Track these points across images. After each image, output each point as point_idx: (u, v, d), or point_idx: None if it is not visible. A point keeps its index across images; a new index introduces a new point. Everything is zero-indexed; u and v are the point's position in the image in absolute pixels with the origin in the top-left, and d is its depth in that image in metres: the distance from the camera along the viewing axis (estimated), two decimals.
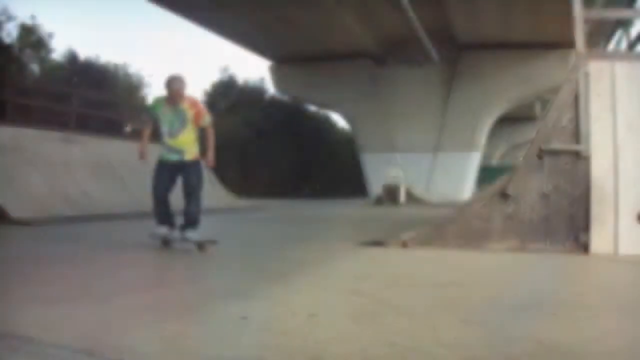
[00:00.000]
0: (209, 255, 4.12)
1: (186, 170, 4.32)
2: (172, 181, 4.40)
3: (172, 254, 4.33)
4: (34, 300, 2.34)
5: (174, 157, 4.33)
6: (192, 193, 4.29)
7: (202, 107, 4.48)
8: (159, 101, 4.43)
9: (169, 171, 4.34)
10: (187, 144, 4.31)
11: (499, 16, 17.13)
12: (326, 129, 31.13)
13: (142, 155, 4.55)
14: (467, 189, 21.66)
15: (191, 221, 4.27)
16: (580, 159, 4.37)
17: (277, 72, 24.60)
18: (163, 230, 4.35)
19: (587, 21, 4.91)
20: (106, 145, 9.94)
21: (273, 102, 28.46)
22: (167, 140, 4.31)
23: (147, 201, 9.31)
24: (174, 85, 4.22)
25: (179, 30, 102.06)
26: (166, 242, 4.42)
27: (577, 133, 4.41)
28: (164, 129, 4.31)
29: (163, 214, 4.36)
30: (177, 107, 4.26)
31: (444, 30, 18.90)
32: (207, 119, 4.38)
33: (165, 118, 4.29)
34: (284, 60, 23.87)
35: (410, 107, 21.95)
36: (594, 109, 4.41)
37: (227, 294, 2.63)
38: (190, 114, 4.28)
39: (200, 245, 4.22)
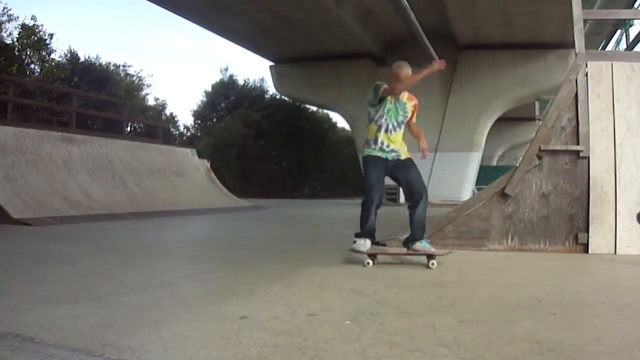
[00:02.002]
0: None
1: (405, 167, 3.74)
2: (384, 184, 3.80)
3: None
4: (34, 299, 2.35)
5: (390, 155, 3.74)
6: (420, 193, 3.69)
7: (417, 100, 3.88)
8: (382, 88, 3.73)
9: (384, 170, 3.73)
10: (400, 142, 3.78)
11: (499, 16, 17.13)
12: (326, 129, 31.15)
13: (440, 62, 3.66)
14: (467, 189, 21.68)
15: (421, 229, 3.71)
16: (579, 159, 4.38)
17: (277, 72, 24.61)
18: (368, 244, 3.66)
19: (586, 21, 4.91)
20: (106, 145, 9.94)
21: (273, 102, 28.45)
22: (383, 135, 3.73)
23: (146, 201, 9.37)
24: (408, 72, 3.62)
25: (179, 30, 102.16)
26: (373, 258, 3.65)
27: (576, 133, 4.41)
28: (384, 119, 3.72)
29: (372, 224, 3.69)
30: (400, 98, 3.73)
31: (444, 30, 18.90)
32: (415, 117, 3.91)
33: (390, 108, 3.72)
34: (284, 60, 23.88)
35: None
36: (593, 109, 4.41)
37: (227, 293, 2.63)
38: (409, 106, 3.80)
39: (431, 257, 3.59)
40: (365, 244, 3.65)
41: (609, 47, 19.46)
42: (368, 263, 3.58)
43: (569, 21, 4.73)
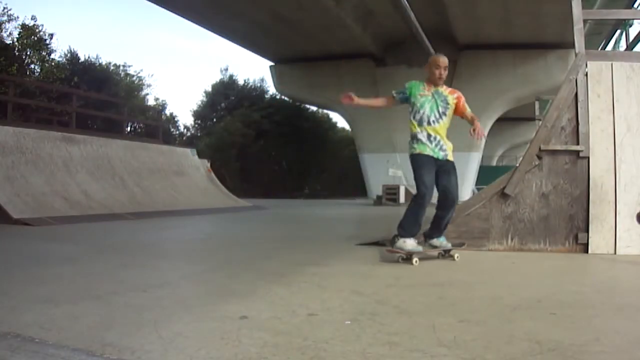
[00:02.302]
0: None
1: (448, 173, 3.82)
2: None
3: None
4: (34, 299, 2.35)
5: (440, 154, 3.80)
6: (453, 200, 3.84)
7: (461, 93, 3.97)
8: (415, 84, 3.92)
9: (434, 171, 3.78)
10: (445, 136, 3.84)
11: (499, 16, 17.14)
12: (326, 129, 31.17)
13: (345, 99, 3.86)
14: (467, 189, 21.68)
15: (443, 229, 3.92)
16: (579, 159, 4.38)
17: (277, 72, 24.61)
18: (413, 243, 3.73)
19: (586, 21, 4.90)
20: (106, 145, 9.94)
21: (273, 102, 28.44)
22: (426, 128, 3.80)
23: (146, 201, 9.37)
24: (443, 62, 3.80)
25: (179, 30, 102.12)
26: (409, 256, 3.72)
27: (576, 133, 4.41)
28: (421, 113, 3.82)
29: (419, 223, 3.79)
30: (438, 89, 3.87)
31: (444, 31, 18.91)
32: (469, 108, 3.95)
33: (424, 101, 3.82)
34: (284, 60, 23.89)
35: None
36: (593, 109, 4.41)
37: (227, 293, 2.63)
38: (451, 98, 3.88)
39: (448, 252, 3.94)
40: (412, 244, 3.73)
41: (609, 47, 19.46)
42: (416, 261, 3.66)
43: (569, 21, 4.73)
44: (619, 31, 18.27)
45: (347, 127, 28.24)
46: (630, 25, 15.56)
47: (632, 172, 4.28)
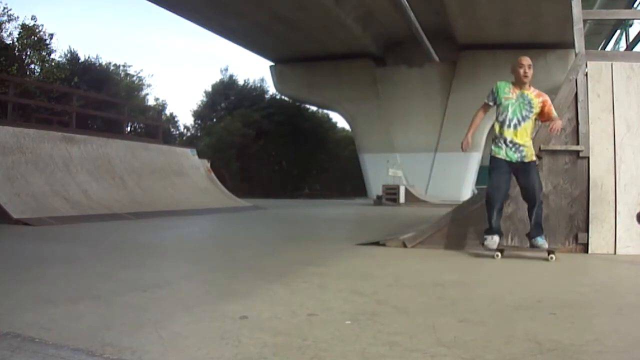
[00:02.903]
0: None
1: (526, 173, 3.95)
2: (509, 183, 4.04)
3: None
4: (34, 299, 2.35)
5: (514, 156, 3.95)
6: (535, 201, 3.93)
7: (548, 97, 4.04)
8: (502, 85, 4.10)
9: (507, 172, 3.98)
10: (526, 139, 3.96)
11: (499, 16, 17.14)
12: (326, 129, 31.17)
13: (464, 145, 4.19)
14: (467, 189, 21.67)
15: (538, 227, 3.99)
16: (579, 159, 4.38)
17: (277, 72, 24.60)
18: (496, 239, 3.98)
19: (586, 21, 4.90)
20: (106, 145, 9.94)
21: (273, 102, 28.43)
22: (506, 131, 3.96)
23: (146, 201, 9.37)
24: (526, 60, 3.95)
25: (179, 30, 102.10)
26: (501, 251, 4.05)
27: (576, 133, 4.41)
28: (504, 115, 3.97)
29: (498, 221, 4.01)
30: (524, 92, 3.97)
31: (444, 31, 18.92)
32: (554, 110, 4.01)
33: (508, 103, 3.96)
34: (284, 60, 23.90)
35: (410, 107, 21.98)
36: (593, 109, 4.41)
37: (227, 293, 2.63)
38: (536, 102, 3.96)
39: (550, 252, 3.95)
40: (493, 240, 3.98)
41: (609, 47, 19.47)
42: (497, 255, 4.01)
43: (568, 21, 4.73)
44: (619, 31, 18.28)
45: (347, 127, 28.24)
46: (630, 25, 15.58)
47: (632, 172, 4.28)
